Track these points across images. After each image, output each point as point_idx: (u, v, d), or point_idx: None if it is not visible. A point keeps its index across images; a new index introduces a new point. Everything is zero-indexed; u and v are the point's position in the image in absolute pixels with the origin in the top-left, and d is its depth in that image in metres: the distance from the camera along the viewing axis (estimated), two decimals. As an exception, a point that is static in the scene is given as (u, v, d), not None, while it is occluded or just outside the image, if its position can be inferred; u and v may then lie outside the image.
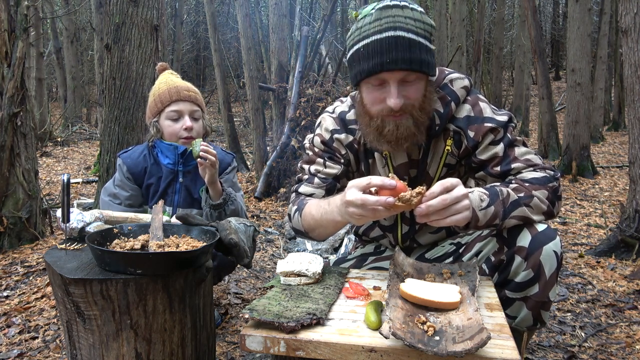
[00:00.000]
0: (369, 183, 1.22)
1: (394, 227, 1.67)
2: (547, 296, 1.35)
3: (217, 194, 1.97)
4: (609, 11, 11.42)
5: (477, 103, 1.50)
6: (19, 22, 3.50)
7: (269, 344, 1.06)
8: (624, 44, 3.33)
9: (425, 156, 1.54)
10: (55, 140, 10.48)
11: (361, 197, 1.20)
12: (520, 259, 1.34)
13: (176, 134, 2.04)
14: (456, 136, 1.49)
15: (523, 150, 1.46)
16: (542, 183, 1.38)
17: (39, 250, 3.40)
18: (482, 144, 1.46)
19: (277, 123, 6.84)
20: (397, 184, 1.20)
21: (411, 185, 1.57)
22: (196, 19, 21.57)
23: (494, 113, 1.48)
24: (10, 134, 3.43)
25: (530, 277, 1.34)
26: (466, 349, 0.94)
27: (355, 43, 1.40)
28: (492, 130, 1.45)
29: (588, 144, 7.16)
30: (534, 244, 1.33)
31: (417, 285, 1.21)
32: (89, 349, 1.28)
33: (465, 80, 1.52)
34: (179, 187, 2.09)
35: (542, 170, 1.41)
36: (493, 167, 1.46)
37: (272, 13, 7.06)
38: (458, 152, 1.51)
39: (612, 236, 3.54)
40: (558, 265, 1.33)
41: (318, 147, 1.64)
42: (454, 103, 1.48)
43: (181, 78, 2.17)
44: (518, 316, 1.40)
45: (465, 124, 1.48)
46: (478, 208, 1.30)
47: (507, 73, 21.95)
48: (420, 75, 1.37)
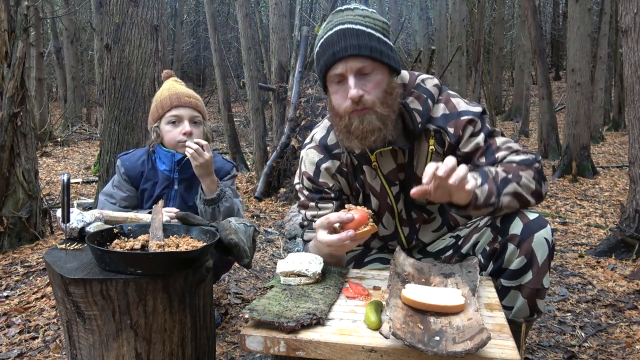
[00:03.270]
0: (329, 222, 1.30)
1: (396, 233, 1.68)
2: (541, 283, 1.38)
3: (210, 190, 1.96)
4: (609, 11, 11.42)
5: (449, 100, 1.54)
6: (19, 22, 3.50)
7: (269, 344, 1.06)
8: (624, 44, 3.33)
9: (412, 158, 1.56)
10: (55, 140, 10.49)
11: (325, 239, 1.30)
12: (513, 246, 1.38)
13: (175, 138, 2.04)
14: (437, 135, 1.52)
15: (503, 139, 1.51)
16: (527, 164, 1.42)
17: (39, 250, 3.40)
18: (464, 137, 1.50)
19: (277, 123, 6.83)
20: (356, 215, 1.29)
21: (402, 187, 1.58)
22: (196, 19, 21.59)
23: (467, 105, 1.53)
24: (10, 134, 3.43)
25: (523, 264, 1.37)
26: (466, 349, 0.94)
27: (315, 48, 1.49)
28: (470, 122, 1.49)
29: (588, 144, 7.16)
30: (526, 231, 1.37)
31: (418, 291, 1.20)
32: (89, 349, 1.28)
33: (435, 80, 1.57)
34: (174, 194, 2.09)
35: (524, 154, 1.46)
36: (479, 158, 1.49)
37: (272, 13, 7.07)
38: (442, 150, 1.54)
39: (612, 236, 3.54)
40: (550, 252, 1.37)
41: (307, 187, 1.64)
42: (430, 100, 1.51)
43: (183, 81, 2.18)
44: (515, 306, 1.43)
45: (443, 122, 1.51)
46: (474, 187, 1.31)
47: (507, 73, 21.96)
48: (376, 65, 1.40)
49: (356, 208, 1.33)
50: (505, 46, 18.05)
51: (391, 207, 1.62)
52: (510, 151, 1.47)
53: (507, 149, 1.48)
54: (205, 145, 1.90)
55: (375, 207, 1.63)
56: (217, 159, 2.15)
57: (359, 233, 1.28)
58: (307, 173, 1.63)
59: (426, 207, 1.63)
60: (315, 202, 1.62)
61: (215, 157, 2.13)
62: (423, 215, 1.64)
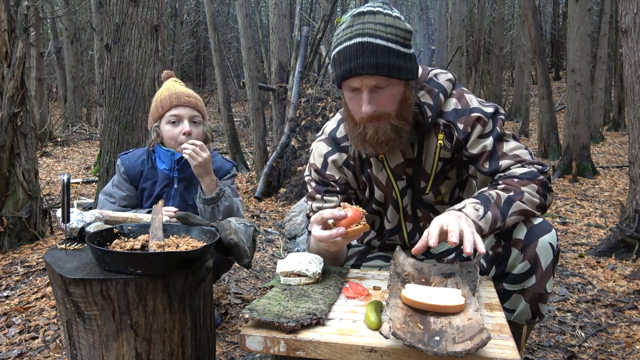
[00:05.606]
0: (322, 218, 1.33)
1: (398, 228, 1.68)
2: (544, 288, 1.37)
3: (209, 190, 1.96)
4: (609, 11, 11.42)
5: (462, 95, 1.51)
6: (19, 22, 3.50)
7: (269, 344, 1.06)
8: (624, 44, 3.33)
9: (420, 153, 1.55)
10: (55, 140, 10.48)
11: (317, 234, 1.34)
12: (517, 251, 1.36)
13: (175, 138, 2.04)
14: (446, 130, 1.50)
15: (512, 145, 1.47)
16: (530, 178, 1.39)
17: (39, 250, 3.40)
18: (472, 136, 1.47)
19: (277, 123, 6.84)
20: (349, 213, 1.31)
21: (409, 183, 1.58)
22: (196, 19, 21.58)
23: (480, 104, 1.50)
24: (10, 134, 3.43)
25: (527, 269, 1.36)
26: (466, 349, 0.94)
27: (333, 49, 1.45)
28: (479, 119, 1.46)
29: (588, 144, 7.16)
30: (530, 236, 1.35)
31: (419, 291, 1.20)
32: (89, 349, 1.28)
33: (449, 74, 1.55)
34: (174, 193, 2.09)
35: (530, 166, 1.43)
36: (483, 162, 1.47)
37: (272, 13, 7.07)
38: (451, 145, 1.52)
39: (612, 236, 3.54)
40: (554, 257, 1.35)
41: (315, 179, 1.66)
42: (442, 94, 1.50)
43: (183, 81, 2.19)
44: (516, 309, 1.42)
45: (454, 117, 1.49)
46: (477, 218, 1.31)
47: (507, 73, 21.95)
48: (393, 81, 1.38)
49: (351, 207, 1.35)
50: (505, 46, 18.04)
51: (396, 200, 1.61)
52: (516, 161, 1.44)
53: (514, 157, 1.44)
54: (201, 145, 1.91)
55: (380, 200, 1.63)
56: (217, 158, 2.15)
57: (351, 231, 1.30)
58: (315, 165, 1.64)
59: (434, 206, 1.63)
60: (321, 194, 1.63)
61: (215, 156, 2.13)
62: (429, 215, 1.63)
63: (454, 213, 1.31)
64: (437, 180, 1.57)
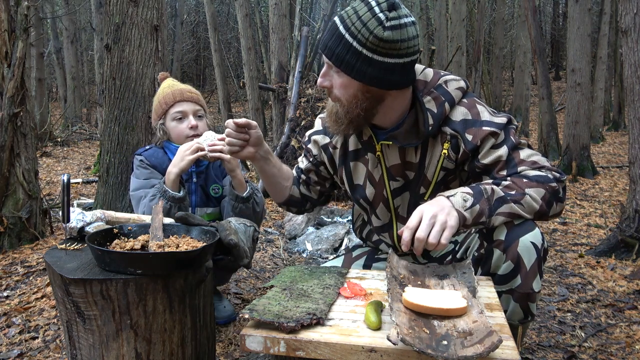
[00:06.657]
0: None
1: (389, 226, 1.67)
2: (530, 287, 1.36)
3: (240, 186, 2.00)
4: (609, 11, 11.42)
5: (474, 106, 1.47)
6: (19, 22, 3.50)
7: (269, 344, 1.06)
8: (624, 44, 3.33)
9: (423, 158, 1.52)
10: (55, 140, 10.47)
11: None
12: (499, 251, 1.36)
13: (182, 133, 2.08)
14: (453, 140, 1.47)
15: (528, 152, 1.43)
16: (541, 182, 1.36)
17: (39, 250, 3.40)
18: (483, 148, 1.43)
19: (277, 123, 6.84)
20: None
21: (408, 186, 1.58)
22: (196, 19, 21.58)
23: (492, 116, 1.46)
24: (10, 134, 3.43)
25: (510, 269, 1.35)
26: (477, 353, 0.93)
27: None
28: (492, 134, 1.42)
29: (588, 144, 7.16)
30: (510, 236, 1.34)
31: (420, 294, 1.19)
32: (89, 349, 1.28)
33: (461, 82, 1.50)
34: (195, 188, 2.12)
35: (548, 171, 1.39)
36: (498, 171, 1.42)
37: (272, 13, 7.07)
38: (456, 156, 1.48)
39: (612, 236, 3.54)
40: (539, 256, 1.33)
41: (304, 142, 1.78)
42: (447, 104, 1.46)
43: (183, 81, 2.24)
44: (508, 309, 1.42)
45: (462, 127, 1.45)
46: (463, 208, 1.31)
47: (507, 73, 21.95)
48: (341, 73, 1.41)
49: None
50: (505, 46, 18.04)
51: (386, 199, 1.61)
52: (534, 166, 1.40)
53: (531, 163, 1.40)
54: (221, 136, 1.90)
55: (370, 196, 1.62)
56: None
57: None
58: (306, 136, 1.78)
59: None
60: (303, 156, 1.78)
61: None
62: None
63: (439, 202, 1.32)
64: (438, 189, 1.54)
